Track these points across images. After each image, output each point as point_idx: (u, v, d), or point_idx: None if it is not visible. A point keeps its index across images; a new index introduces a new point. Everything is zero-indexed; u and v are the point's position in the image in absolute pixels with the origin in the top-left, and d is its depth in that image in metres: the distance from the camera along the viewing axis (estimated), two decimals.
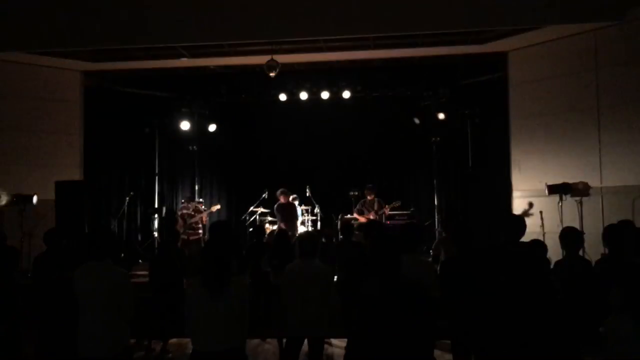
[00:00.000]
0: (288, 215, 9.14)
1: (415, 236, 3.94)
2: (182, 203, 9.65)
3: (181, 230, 8.65)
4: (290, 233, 7.53)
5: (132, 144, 10.65)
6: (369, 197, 9.09)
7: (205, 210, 9.59)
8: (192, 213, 9.22)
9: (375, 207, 8.98)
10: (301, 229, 9.33)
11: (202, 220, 9.39)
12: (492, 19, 6.67)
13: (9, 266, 4.12)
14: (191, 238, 9.09)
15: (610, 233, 3.80)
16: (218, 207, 9.53)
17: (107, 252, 3.55)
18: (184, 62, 8.97)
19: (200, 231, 9.32)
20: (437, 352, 4.06)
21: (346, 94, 10.44)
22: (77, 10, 6.81)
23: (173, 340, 5.63)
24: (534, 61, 8.33)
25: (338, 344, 5.52)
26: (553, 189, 7.62)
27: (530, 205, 8.26)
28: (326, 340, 5.02)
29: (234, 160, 11.93)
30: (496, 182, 9.06)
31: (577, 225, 7.07)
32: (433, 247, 6.81)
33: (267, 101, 10.96)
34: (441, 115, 9.99)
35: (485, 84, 9.61)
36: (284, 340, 4.54)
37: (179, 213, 9.29)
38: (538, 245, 4.06)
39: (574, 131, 7.79)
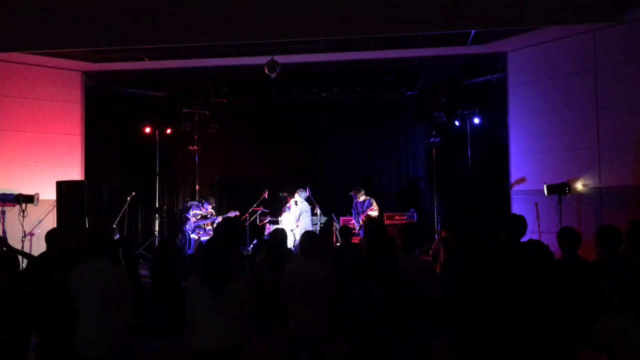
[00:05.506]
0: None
1: (414, 236, 3.94)
2: (192, 202, 9.69)
3: (191, 230, 8.77)
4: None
5: (132, 144, 10.68)
6: (360, 199, 9.10)
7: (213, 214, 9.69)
8: (206, 214, 9.31)
9: (364, 207, 9.02)
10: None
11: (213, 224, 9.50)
12: (492, 19, 6.67)
13: (9, 270, 4.15)
14: (202, 238, 9.19)
15: (604, 233, 3.82)
16: (237, 213, 9.56)
17: (103, 251, 3.56)
18: (184, 62, 8.98)
19: (211, 233, 9.43)
20: (437, 352, 4.06)
21: (346, 94, 10.44)
22: (77, 10, 6.82)
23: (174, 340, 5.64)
24: (533, 61, 8.34)
25: (338, 344, 5.52)
26: (552, 189, 7.63)
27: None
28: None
29: (234, 160, 11.95)
30: (496, 182, 9.08)
31: (575, 225, 7.09)
32: (432, 247, 6.83)
33: (267, 101, 10.99)
34: (441, 116, 10.03)
35: (485, 84, 9.63)
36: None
37: (191, 213, 9.32)
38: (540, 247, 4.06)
39: (573, 131, 7.80)
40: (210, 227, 9.47)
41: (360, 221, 8.86)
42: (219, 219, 9.45)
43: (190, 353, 3.19)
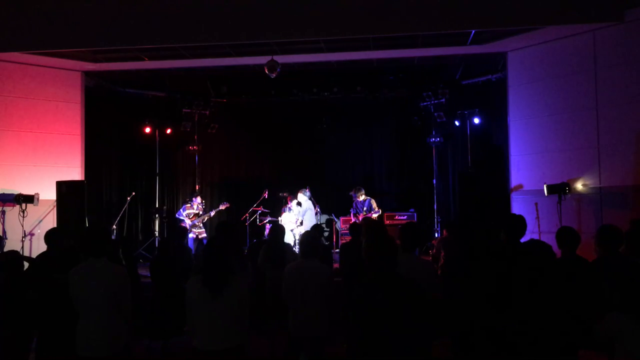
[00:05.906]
0: None
1: (414, 236, 3.94)
2: (186, 202, 9.69)
3: (188, 228, 8.78)
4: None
5: (132, 144, 10.68)
6: (360, 199, 9.09)
7: (207, 209, 9.66)
8: (198, 212, 9.30)
9: (365, 208, 9.02)
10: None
11: (209, 217, 9.49)
12: (492, 19, 6.67)
13: (12, 270, 4.16)
14: (200, 236, 9.18)
15: (604, 233, 3.82)
16: (227, 205, 9.56)
17: (103, 250, 3.55)
18: (184, 62, 8.99)
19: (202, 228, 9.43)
20: (437, 352, 4.06)
21: (346, 94, 10.44)
22: (77, 10, 6.82)
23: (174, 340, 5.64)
24: (533, 61, 8.34)
25: (338, 344, 5.52)
26: (552, 189, 7.63)
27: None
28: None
29: (234, 160, 11.96)
30: (496, 182, 9.08)
31: (575, 225, 7.09)
32: (434, 250, 6.83)
33: (267, 101, 10.99)
34: (441, 116, 10.03)
35: (485, 84, 9.63)
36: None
37: (184, 213, 9.32)
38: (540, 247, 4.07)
39: (573, 131, 7.79)
40: (201, 224, 9.43)
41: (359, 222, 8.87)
42: (212, 213, 9.45)
43: (190, 353, 3.19)
